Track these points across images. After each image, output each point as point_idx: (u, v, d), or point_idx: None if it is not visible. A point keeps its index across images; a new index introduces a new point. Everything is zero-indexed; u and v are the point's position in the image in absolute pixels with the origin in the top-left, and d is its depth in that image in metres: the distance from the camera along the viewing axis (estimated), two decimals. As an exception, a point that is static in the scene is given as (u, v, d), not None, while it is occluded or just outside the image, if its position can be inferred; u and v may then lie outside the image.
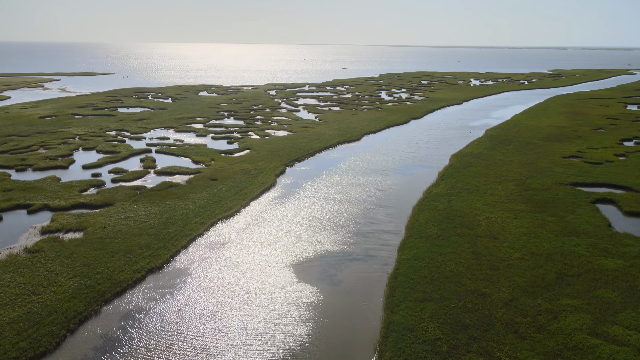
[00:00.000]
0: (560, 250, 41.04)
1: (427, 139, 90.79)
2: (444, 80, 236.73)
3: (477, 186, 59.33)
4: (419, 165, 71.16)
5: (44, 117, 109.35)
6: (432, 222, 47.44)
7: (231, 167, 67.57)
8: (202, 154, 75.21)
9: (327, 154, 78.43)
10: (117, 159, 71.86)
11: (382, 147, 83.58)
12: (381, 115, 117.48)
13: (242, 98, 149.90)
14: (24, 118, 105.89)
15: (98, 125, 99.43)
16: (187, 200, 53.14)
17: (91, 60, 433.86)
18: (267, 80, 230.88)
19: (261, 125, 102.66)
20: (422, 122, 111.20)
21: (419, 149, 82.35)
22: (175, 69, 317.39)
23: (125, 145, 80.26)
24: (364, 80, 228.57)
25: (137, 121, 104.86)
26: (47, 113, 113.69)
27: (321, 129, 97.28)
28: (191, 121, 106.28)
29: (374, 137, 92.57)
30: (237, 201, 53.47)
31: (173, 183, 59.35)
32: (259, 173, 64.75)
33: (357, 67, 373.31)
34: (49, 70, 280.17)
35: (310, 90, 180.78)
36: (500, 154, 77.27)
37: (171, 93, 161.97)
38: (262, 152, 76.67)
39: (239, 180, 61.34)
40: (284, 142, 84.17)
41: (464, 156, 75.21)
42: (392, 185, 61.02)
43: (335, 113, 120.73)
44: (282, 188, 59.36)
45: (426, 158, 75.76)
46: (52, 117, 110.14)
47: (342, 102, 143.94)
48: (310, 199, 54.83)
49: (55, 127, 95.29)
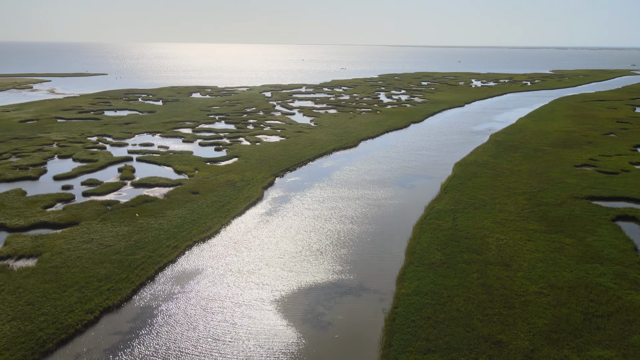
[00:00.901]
0: (583, 281, 35.63)
1: (428, 145, 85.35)
2: (444, 81, 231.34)
3: (484, 200, 53.92)
4: (419, 176, 65.70)
5: (25, 121, 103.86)
6: (436, 245, 42.03)
7: (216, 177, 62.13)
8: (186, 162, 69.76)
9: (320, 162, 72.98)
10: (93, 169, 66.40)
11: (380, 154, 78.14)
12: (380, 119, 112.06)
13: (235, 100, 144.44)
14: (3, 122, 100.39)
15: (80, 130, 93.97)
16: (162, 218, 47.70)
17: (86, 60, 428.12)
18: (263, 81, 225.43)
19: (253, 130, 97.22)
20: (423, 126, 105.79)
21: (420, 156, 76.87)
22: (170, 70, 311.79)
23: (104, 153, 74.82)
24: (362, 81, 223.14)
25: (122, 125, 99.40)
26: (28, 117, 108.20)
27: (316, 134, 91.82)
28: (179, 125, 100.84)
29: (372, 143, 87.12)
30: (218, 219, 48.02)
31: (149, 197, 53.91)
32: (246, 185, 59.30)
33: (356, 68, 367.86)
34: (41, 71, 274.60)
35: (307, 91, 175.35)
36: (507, 162, 71.85)
37: (163, 95, 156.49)
38: (251, 161, 71.23)
39: (223, 193, 55.89)
40: (275, 149, 78.73)
41: (469, 165, 69.79)
42: (390, 199, 55.57)
43: (331, 116, 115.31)
44: (269, 203, 53.91)
45: (427, 167, 70.33)
46: (34, 121, 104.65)
47: (340, 104, 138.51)
48: (299, 218, 49.36)
49: (33, 133, 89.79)
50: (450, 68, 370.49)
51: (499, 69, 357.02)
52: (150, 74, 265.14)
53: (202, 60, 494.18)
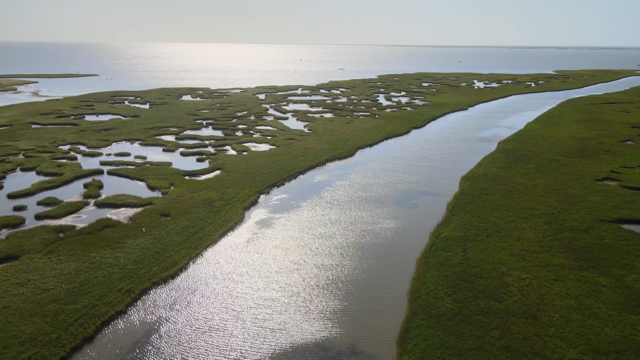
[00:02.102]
0: (632, 342, 28.40)
1: (431, 155, 78.02)
2: (445, 82, 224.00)
3: (497, 225, 46.65)
4: (422, 192, 58.39)
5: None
6: (444, 286, 34.77)
7: (192, 196, 54.81)
8: (162, 176, 62.44)
9: (312, 175, 65.64)
10: (56, 184, 59.07)
11: (378, 166, 70.80)
12: (378, 124, 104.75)
13: (226, 103, 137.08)
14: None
15: (53, 137, 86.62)
16: (120, 249, 40.41)
17: (80, 60, 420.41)
18: (258, 82, 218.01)
19: (241, 137, 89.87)
20: (425, 133, 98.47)
21: (422, 168, 69.53)
22: (164, 70, 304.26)
23: (73, 165, 67.49)
24: (361, 82, 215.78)
25: (100, 132, 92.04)
26: (1, 122, 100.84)
27: (309, 142, 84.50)
28: (163, 132, 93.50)
29: (370, 153, 79.79)
30: (187, 251, 40.73)
31: (112, 221, 46.61)
32: (225, 205, 51.98)
33: (355, 68, 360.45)
34: (31, 71, 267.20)
35: (302, 93, 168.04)
36: (519, 175, 64.57)
37: (151, 97, 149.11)
38: (234, 174, 63.92)
39: (197, 216, 48.58)
40: (262, 160, 71.42)
41: (477, 179, 62.51)
42: (388, 223, 48.26)
43: (327, 121, 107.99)
44: (248, 229, 46.57)
45: (431, 181, 63.02)
46: (6, 127, 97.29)
47: (336, 107, 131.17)
48: (281, 250, 42.01)
49: (1, 141, 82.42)
50: (451, 68, 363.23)
51: (501, 69, 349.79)
52: (142, 75, 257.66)
53: (199, 60, 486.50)
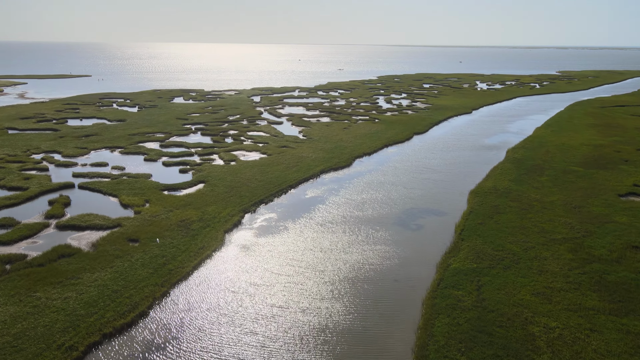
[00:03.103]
0: None
1: (435, 165, 71.84)
2: (447, 83, 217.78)
3: (514, 253, 40.52)
4: (426, 211, 52.21)
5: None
6: (457, 340, 28.64)
7: (168, 215, 48.66)
8: (138, 191, 56.29)
9: (304, 189, 59.45)
10: (18, 201, 52.90)
11: (377, 178, 64.60)
12: (378, 129, 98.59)
13: (219, 106, 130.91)
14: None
15: (28, 144, 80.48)
16: (73, 287, 34.29)
17: (74, 61, 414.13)
18: (254, 83, 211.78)
19: (231, 144, 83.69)
20: (427, 139, 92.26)
21: (426, 182, 63.30)
22: (159, 71, 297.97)
23: (42, 178, 61.32)
24: (360, 84, 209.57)
25: (79, 139, 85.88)
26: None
27: (303, 150, 78.33)
28: (147, 138, 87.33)
29: (368, 162, 73.59)
30: (151, 289, 34.60)
31: (70, 249, 40.47)
32: (203, 227, 45.84)
33: (354, 69, 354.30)
34: (21, 72, 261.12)
35: (299, 95, 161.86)
36: (533, 189, 58.41)
37: (141, 99, 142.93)
38: (218, 189, 57.75)
39: (170, 242, 42.44)
40: (251, 172, 65.26)
41: (487, 194, 56.33)
42: (388, 251, 42.09)
43: (323, 126, 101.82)
44: (226, 260, 40.35)
45: (436, 197, 56.81)
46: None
47: (334, 111, 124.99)
48: (261, 289, 35.78)
49: (-31, 149, 76.31)
50: (452, 69, 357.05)
51: (503, 70, 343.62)
52: (136, 76, 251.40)
53: (196, 60, 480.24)
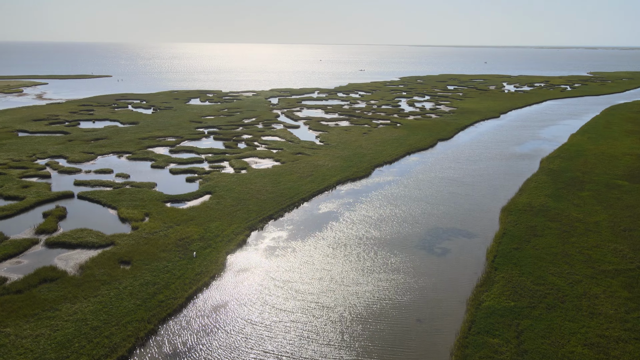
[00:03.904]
0: None
1: (461, 176, 65.98)
2: (472, 85, 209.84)
3: (559, 288, 34.76)
4: (452, 232, 46.62)
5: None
6: (495, 409, 23.24)
7: (167, 232, 44.36)
8: (139, 203, 52.24)
9: (318, 203, 54.49)
10: (12, 212, 49.44)
11: (398, 191, 59.17)
12: (400, 135, 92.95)
13: (235, 108, 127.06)
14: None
15: (35, 148, 77.70)
16: (48, 322, 30.10)
17: (96, 61, 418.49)
18: (273, 84, 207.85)
19: (243, 150, 79.32)
20: (453, 146, 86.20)
21: (451, 196, 57.53)
22: (178, 71, 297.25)
23: (41, 186, 57.92)
24: (382, 85, 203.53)
25: (88, 143, 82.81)
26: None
27: (319, 158, 73.39)
28: (158, 143, 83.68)
29: (389, 172, 68.17)
30: (135, 326, 30.14)
31: (55, 272, 36.44)
32: (204, 248, 41.32)
33: (376, 69, 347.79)
34: (44, 72, 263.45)
35: (318, 97, 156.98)
36: (574, 207, 52.17)
37: (157, 101, 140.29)
38: (225, 201, 53.29)
39: (165, 265, 38.03)
40: (262, 182, 60.63)
41: (522, 212, 50.38)
42: (409, 281, 36.75)
43: (342, 131, 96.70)
44: (224, 289, 35.62)
45: (463, 215, 51.12)
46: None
47: (354, 114, 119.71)
48: (258, 329, 30.98)
49: (-26, 153, 73.82)
50: (477, 70, 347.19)
51: (531, 71, 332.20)
52: (155, 76, 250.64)
53: (217, 60, 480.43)
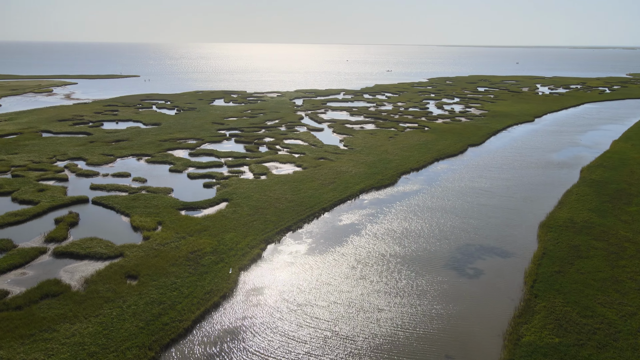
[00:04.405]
0: None
1: (494, 187, 61.63)
2: (504, 86, 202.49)
3: (610, 322, 30.61)
4: (485, 249, 42.70)
5: (4, 135, 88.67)
6: None
7: (179, 244, 41.98)
8: (153, 210, 50.18)
9: (339, 213, 51.29)
10: (24, 218, 48.07)
11: (425, 201, 55.38)
12: (428, 140, 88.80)
13: (258, 109, 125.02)
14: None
15: (56, 150, 77.09)
16: (43, 345, 27.93)
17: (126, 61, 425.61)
18: (299, 85, 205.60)
19: (264, 154, 76.80)
20: (484, 153, 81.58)
21: (483, 208, 53.38)
22: (205, 71, 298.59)
23: (57, 190, 56.63)
24: (409, 87, 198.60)
25: (109, 145, 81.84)
26: (14, 129, 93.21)
27: (342, 164, 70.17)
28: (178, 145, 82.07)
29: (415, 180, 64.36)
30: (135, 353, 27.63)
31: (59, 286, 34.46)
32: (216, 263, 38.72)
33: (403, 70, 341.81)
34: (75, 72, 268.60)
35: (344, 99, 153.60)
36: (622, 223, 47.39)
37: (181, 102, 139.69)
38: (242, 209, 50.70)
39: (174, 281, 35.56)
40: (282, 189, 57.83)
41: (563, 229, 45.99)
42: (436, 308, 33.13)
43: (367, 135, 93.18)
44: (234, 311, 32.80)
45: (497, 230, 47.04)
46: (16, 135, 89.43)
47: (380, 117, 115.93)
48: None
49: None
50: (508, 71, 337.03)
51: (566, 72, 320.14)
52: (181, 76, 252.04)
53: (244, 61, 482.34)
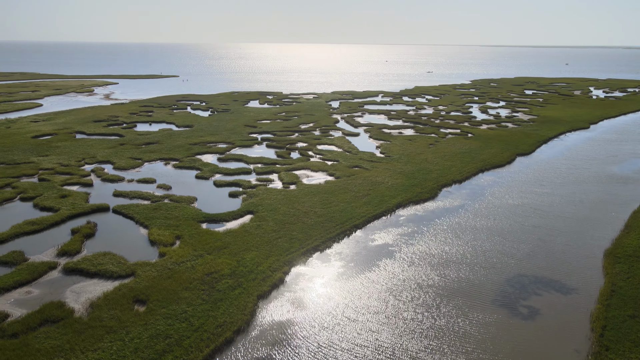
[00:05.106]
0: None
1: (547, 204, 55.12)
2: (554, 89, 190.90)
3: None
4: (540, 282, 36.90)
5: (40, 136, 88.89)
6: None
7: (195, 263, 38.51)
8: (173, 222, 47.12)
9: (372, 231, 46.56)
10: (41, 227, 46.03)
11: (468, 220, 49.74)
12: (472, 148, 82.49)
13: (293, 112, 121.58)
14: (13, 138, 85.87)
15: (86, 152, 76.02)
16: (32, 384, 24.80)
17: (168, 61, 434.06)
18: (336, 86, 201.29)
19: (296, 160, 72.93)
20: (534, 164, 74.64)
21: (536, 231, 47.24)
22: (243, 72, 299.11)
23: (79, 196, 54.66)
24: (451, 89, 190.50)
25: (139, 147, 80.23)
26: (50, 130, 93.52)
27: (378, 174, 65.32)
28: (207, 149, 79.43)
29: (457, 194, 58.70)
30: (130, 402, 24.09)
31: (62, 310, 31.60)
32: (233, 288, 34.93)
33: (444, 71, 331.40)
34: (121, 72, 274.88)
35: (382, 101, 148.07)
36: None
37: (216, 102, 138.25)
38: (267, 224, 46.88)
39: (185, 310, 31.97)
40: (311, 201, 53.65)
41: (634, 260, 39.53)
42: (482, 359, 28.00)
43: (405, 141, 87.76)
44: (246, 352, 28.74)
45: (553, 259, 41.03)
46: (51, 135, 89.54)
47: (420, 121, 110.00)
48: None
49: (27, 156, 73.06)
50: (557, 72, 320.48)
51: (621, 74, 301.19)
52: (219, 77, 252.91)
53: (283, 61, 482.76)
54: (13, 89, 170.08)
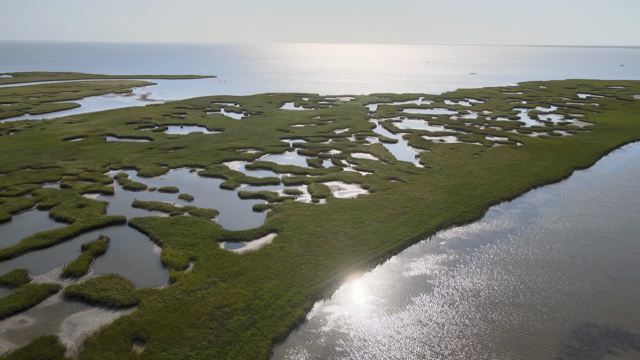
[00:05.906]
0: None
1: (613, 231, 47.74)
2: (610, 93, 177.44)
3: None
4: (614, 335, 30.33)
5: (71, 138, 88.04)
6: None
7: (205, 293, 34.28)
8: (190, 240, 43.23)
9: (409, 259, 40.97)
10: (51, 242, 43.17)
11: (519, 248, 43.31)
12: (522, 159, 75.06)
13: (328, 115, 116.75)
14: (45, 140, 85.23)
15: (113, 156, 73.93)
16: None
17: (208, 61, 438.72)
18: (375, 88, 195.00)
19: (328, 170, 68.03)
20: (594, 179, 66.61)
21: (602, 265, 40.30)
22: (280, 72, 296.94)
23: (97, 207, 51.82)
24: (496, 92, 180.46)
25: (166, 152, 77.55)
26: (82, 132, 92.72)
27: (417, 188, 59.46)
28: (235, 156, 75.78)
29: (507, 214, 52.04)
30: None
31: (52, 348, 28.06)
32: (245, 328, 30.40)
33: (488, 72, 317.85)
34: (161, 72, 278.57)
35: (422, 105, 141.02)
36: None
37: (250, 104, 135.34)
38: (291, 246, 42.22)
39: (187, 355, 27.68)
40: (341, 219, 48.61)
41: None
42: None
43: (447, 150, 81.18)
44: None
45: (627, 304, 34.23)
46: (82, 138, 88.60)
47: (463, 127, 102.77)
48: None
49: (54, 160, 71.62)
50: (613, 74, 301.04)
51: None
52: (256, 77, 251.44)
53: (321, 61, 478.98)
54: (56, 89, 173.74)
